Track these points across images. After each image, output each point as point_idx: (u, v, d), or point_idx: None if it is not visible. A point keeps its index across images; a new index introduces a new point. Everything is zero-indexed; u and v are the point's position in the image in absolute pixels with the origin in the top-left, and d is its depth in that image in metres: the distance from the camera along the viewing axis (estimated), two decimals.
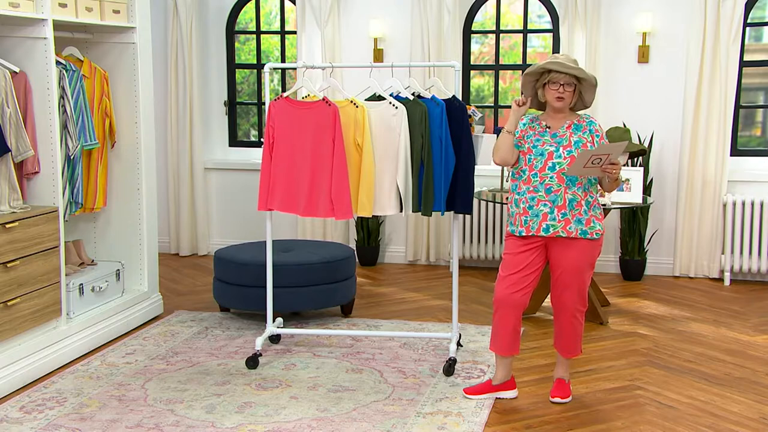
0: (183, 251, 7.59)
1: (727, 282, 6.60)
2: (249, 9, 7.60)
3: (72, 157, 5.01)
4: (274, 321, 5.04)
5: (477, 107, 5.99)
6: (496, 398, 4.24)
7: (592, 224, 4.08)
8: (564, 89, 4.03)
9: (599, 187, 4.18)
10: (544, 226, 4.06)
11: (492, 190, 6.21)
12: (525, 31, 7.12)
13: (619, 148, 3.95)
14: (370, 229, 7.21)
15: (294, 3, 7.30)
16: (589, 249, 4.10)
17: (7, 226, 4.34)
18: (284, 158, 4.63)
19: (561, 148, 4.05)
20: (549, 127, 4.11)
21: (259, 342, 4.85)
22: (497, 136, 5.29)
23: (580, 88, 4.08)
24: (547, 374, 4.60)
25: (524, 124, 4.17)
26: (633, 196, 5.64)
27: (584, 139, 4.06)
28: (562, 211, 4.05)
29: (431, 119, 4.54)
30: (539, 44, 7.25)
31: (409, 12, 7.02)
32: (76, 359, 4.84)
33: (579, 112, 4.18)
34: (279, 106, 4.65)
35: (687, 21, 6.58)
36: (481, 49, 7.33)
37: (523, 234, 4.12)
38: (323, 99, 4.56)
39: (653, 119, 6.76)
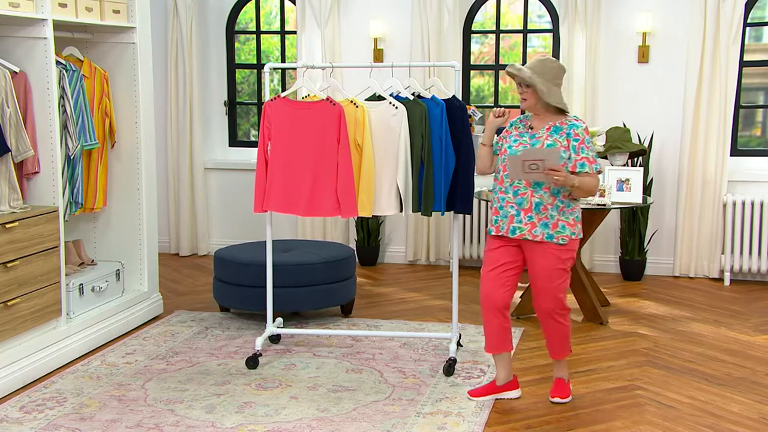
0: (183, 251, 7.59)
1: (727, 282, 6.60)
2: (249, 9, 7.60)
3: (72, 157, 5.01)
4: (274, 321, 5.04)
5: (477, 107, 5.99)
6: (499, 399, 4.24)
7: (559, 229, 4.03)
8: (523, 90, 4.06)
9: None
10: (511, 228, 4.06)
11: (492, 190, 6.21)
12: (525, 31, 7.12)
13: (552, 154, 3.89)
14: (370, 229, 7.21)
15: (294, 3, 7.30)
16: (558, 254, 4.05)
17: (7, 226, 4.34)
18: (282, 159, 4.62)
19: None
20: (532, 128, 4.12)
21: (259, 342, 4.85)
22: (497, 136, 5.29)
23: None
24: (547, 374, 4.60)
25: (512, 124, 4.20)
26: (633, 196, 5.63)
27: (558, 142, 4.01)
28: (528, 214, 4.04)
29: (431, 119, 4.54)
30: (539, 44, 7.25)
31: (409, 12, 7.02)
32: (76, 359, 4.84)
33: (572, 114, 4.14)
34: (276, 107, 4.64)
35: (687, 21, 6.58)
36: (481, 49, 7.33)
37: (493, 233, 4.14)
38: (327, 99, 4.55)
39: (653, 119, 6.76)
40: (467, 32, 7.18)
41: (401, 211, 4.59)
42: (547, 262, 4.06)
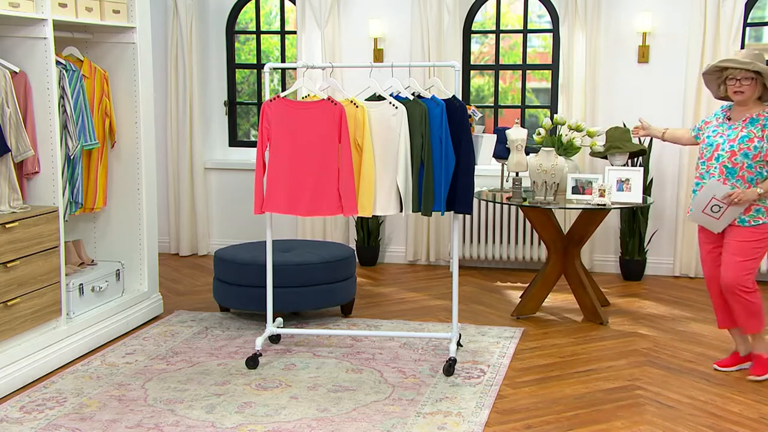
0: (183, 251, 7.59)
1: None
2: (249, 9, 7.60)
3: (72, 157, 5.01)
4: (274, 321, 5.04)
5: (477, 107, 5.98)
6: (742, 369, 4.59)
7: (752, 212, 4.29)
8: (741, 83, 4.23)
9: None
10: None
11: (492, 190, 6.21)
12: (525, 31, 7.12)
13: (714, 188, 4.30)
14: (370, 229, 7.20)
15: (294, 3, 7.30)
16: (748, 234, 4.30)
17: (7, 226, 4.34)
18: (282, 159, 4.62)
19: (727, 141, 4.26)
20: (730, 119, 4.34)
21: (259, 342, 4.86)
22: (497, 137, 5.31)
23: (763, 80, 4.22)
24: (547, 374, 4.60)
25: (714, 115, 4.46)
26: (633, 196, 5.62)
27: (753, 133, 4.23)
28: None
29: (431, 119, 4.54)
30: (539, 44, 7.25)
31: (409, 12, 7.02)
32: (76, 359, 4.84)
33: None
34: (275, 107, 4.63)
35: (687, 21, 6.58)
36: (481, 49, 7.33)
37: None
38: (328, 98, 4.55)
39: (653, 119, 6.73)
40: (467, 32, 7.18)
41: (401, 211, 4.59)
42: (738, 239, 4.31)
